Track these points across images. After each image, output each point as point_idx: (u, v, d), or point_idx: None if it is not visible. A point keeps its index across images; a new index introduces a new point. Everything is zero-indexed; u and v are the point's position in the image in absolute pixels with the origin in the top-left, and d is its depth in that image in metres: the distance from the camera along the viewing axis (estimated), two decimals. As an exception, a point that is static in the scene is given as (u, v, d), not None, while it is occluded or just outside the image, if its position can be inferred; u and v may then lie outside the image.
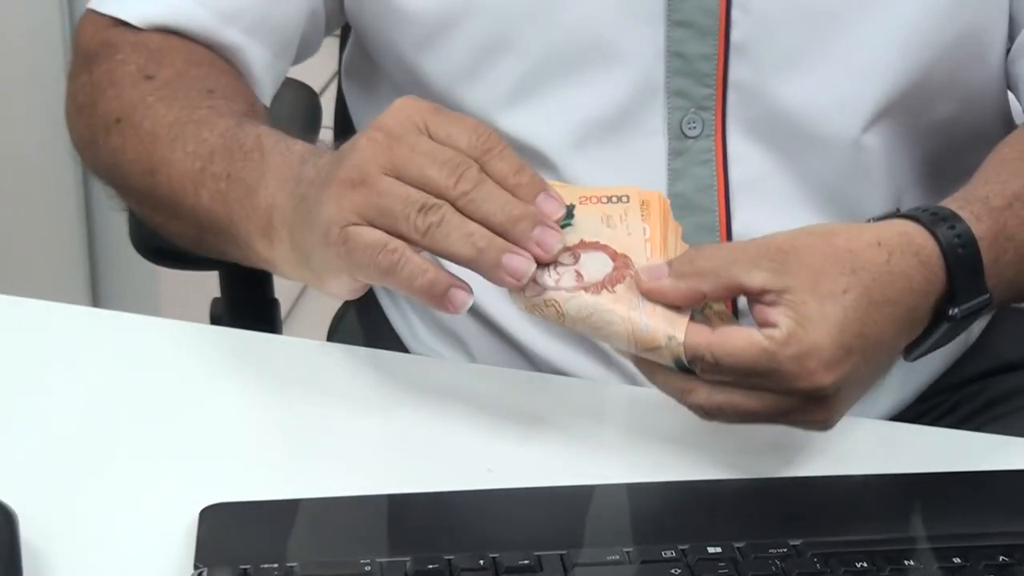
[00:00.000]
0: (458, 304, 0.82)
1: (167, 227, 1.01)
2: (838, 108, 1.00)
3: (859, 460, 0.88)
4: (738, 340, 0.81)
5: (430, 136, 0.84)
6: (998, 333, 1.18)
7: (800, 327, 0.80)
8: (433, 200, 0.82)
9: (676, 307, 0.82)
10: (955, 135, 1.06)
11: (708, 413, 0.83)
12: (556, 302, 0.82)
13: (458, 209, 0.82)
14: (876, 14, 0.99)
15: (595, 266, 0.83)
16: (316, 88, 1.36)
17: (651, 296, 0.82)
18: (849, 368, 0.82)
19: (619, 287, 0.83)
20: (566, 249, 0.83)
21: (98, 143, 1.02)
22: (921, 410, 1.13)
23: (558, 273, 0.83)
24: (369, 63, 1.12)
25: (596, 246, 0.84)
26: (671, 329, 0.81)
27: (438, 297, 0.82)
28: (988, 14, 1.03)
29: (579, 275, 0.83)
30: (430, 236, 0.81)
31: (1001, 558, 0.77)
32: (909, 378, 1.12)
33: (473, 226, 0.81)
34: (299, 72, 1.16)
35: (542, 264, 0.82)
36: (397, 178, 0.82)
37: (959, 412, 1.15)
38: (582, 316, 0.82)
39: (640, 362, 0.84)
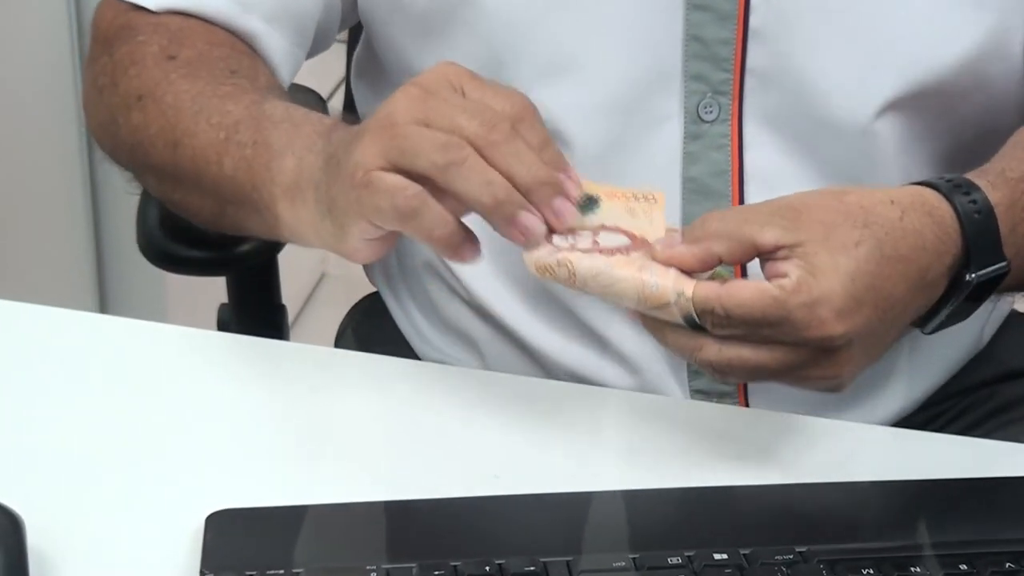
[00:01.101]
0: (469, 257, 0.84)
1: (187, 202, 1.01)
2: (850, 94, 1.00)
3: (866, 466, 0.88)
4: (748, 291, 0.80)
5: (464, 97, 0.85)
6: (1005, 341, 1.18)
7: (811, 276, 0.80)
8: (457, 140, 0.82)
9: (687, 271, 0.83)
10: (977, 133, 1.05)
11: (718, 370, 0.82)
12: (569, 261, 0.82)
13: (484, 158, 0.82)
14: (894, 3, 0.99)
15: (612, 240, 0.84)
16: (323, 93, 1.36)
17: (666, 263, 0.82)
18: (861, 321, 0.81)
19: (633, 253, 0.83)
20: (587, 229, 0.84)
21: (118, 122, 1.02)
22: (928, 416, 1.13)
23: (575, 238, 0.83)
24: (378, 62, 1.12)
25: (617, 229, 0.84)
26: (680, 286, 0.81)
27: (453, 248, 0.83)
28: (1012, 17, 1.02)
29: (595, 242, 0.83)
30: (449, 174, 0.82)
31: (1008, 565, 0.77)
32: (916, 380, 1.11)
33: (494, 174, 0.82)
34: (306, 77, 1.16)
35: (560, 232, 0.83)
36: (427, 127, 0.83)
37: (966, 418, 1.14)
38: (592, 275, 0.82)
39: (648, 322, 0.84)
